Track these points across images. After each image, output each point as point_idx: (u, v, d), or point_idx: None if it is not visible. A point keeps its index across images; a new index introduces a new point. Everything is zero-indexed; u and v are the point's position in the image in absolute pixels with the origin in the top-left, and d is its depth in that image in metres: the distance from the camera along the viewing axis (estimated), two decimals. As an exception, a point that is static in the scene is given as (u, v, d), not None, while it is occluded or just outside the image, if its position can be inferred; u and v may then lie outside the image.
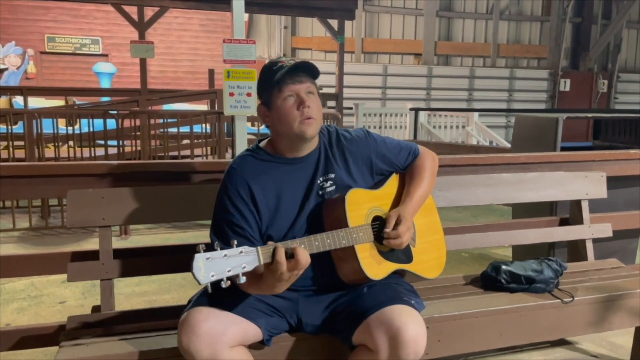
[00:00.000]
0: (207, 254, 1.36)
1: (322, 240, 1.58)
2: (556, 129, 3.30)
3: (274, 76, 1.66)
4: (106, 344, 1.76)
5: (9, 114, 5.58)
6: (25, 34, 12.86)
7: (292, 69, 1.66)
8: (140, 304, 3.39)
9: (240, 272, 1.38)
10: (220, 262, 1.37)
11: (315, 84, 1.72)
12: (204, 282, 1.34)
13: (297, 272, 1.49)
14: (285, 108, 1.66)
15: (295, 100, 1.66)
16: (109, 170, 2.20)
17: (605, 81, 16.72)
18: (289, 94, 1.66)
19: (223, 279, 1.36)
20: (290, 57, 1.75)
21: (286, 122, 1.67)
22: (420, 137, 9.45)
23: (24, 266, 2.20)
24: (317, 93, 1.72)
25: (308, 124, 1.66)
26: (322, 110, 1.74)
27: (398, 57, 15.74)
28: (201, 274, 1.34)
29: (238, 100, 4.15)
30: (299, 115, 1.65)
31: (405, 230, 1.71)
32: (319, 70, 1.72)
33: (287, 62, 1.68)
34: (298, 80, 1.67)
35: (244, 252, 1.40)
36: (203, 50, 14.03)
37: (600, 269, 2.54)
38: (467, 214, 6.06)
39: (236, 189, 1.68)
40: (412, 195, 1.84)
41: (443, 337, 1.93)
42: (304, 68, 1.68)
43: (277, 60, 1.71)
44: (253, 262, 1.41)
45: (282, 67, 1.66)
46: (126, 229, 4.94)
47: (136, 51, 8.03)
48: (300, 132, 1.66)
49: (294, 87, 1.66)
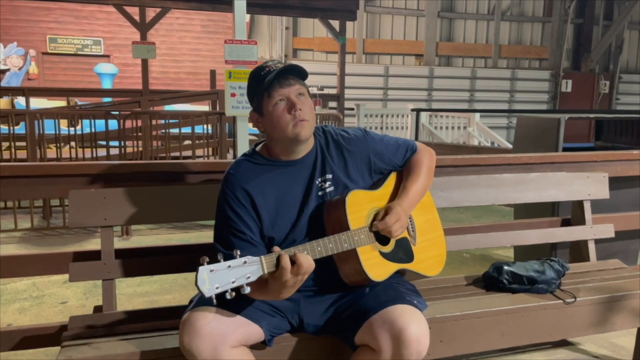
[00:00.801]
0: (210, 266, 1.35)
1: (325, 245, 1.58)
2: (558, 130, 3.30)
3: (263, 82, 1.65)
4: (108, 344, 1.76)
5: (11, 115, 5.59)
6: (27, 34, 12.89)
7: (280, 72, 1.64)
8: (142, 305, 3.39)
9: (244, 282, 1.38)
10: (224, 274, 1.36)
11: (305, 84, 1.71)
12: (209, 294, 1.34)
13: (302, 278, 1.48)
14: (277, 113, 1.65)
15: (287, 104, 1.65)
16: (110, 170, 2.20)
17: (606, 82, 16.70)
18: (280, 98, 1.65)
19: (227, 290, 1.36)
20: (277, 60, 1.73)
21: (279, 127, 1.66)
22: (422, 138, 9.44)
23: (26, 266, 2.21)
24: (307, 94, 1.71)
25: (302, 126, 1.65)
26: (314, 111, 1.73)
27: (399, 57, 15.74)
28: (205, 286, 1.33)
29: (240, 101, 4.15)
30: (292, 119, 1.64)
31: (393, 220, 1.69)
32: (306, 71, 1.70)
33: (273, 65, 1.67)
34: (287, 83, 1.65)
35: (247, 262, 1.39)
36: (205, 51, 14.05)
37: (603, 270, 2.53)
38: (468, 215, 6.05)
39: (234, 194, 1.68)
40: (408, 189, 1.83)
41: (445, 338, 1.93)
42: (291, 70, 1.67)
43: (263, 65, 1.69)
44: (257, 272, 1.41)
45: (270, 72, 1.64)
46: (128, 230, 4.94)
47: (138, 52, 8.04)
48: (295, 135, 1.66)
49: (283, 91, 1.65)
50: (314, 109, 1.73)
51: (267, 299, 1.61)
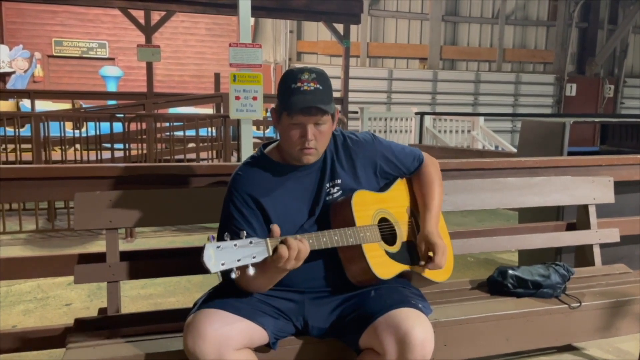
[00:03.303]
0: (217, 243, 1.36)
1: (330, 236, 1.59)
2: (563, 134, 3.29)
3: (289, 97, 1.63)
4: (112, 346, 1.76)
5: (17, 117, 5.62)
6: (32, 37, 12.97)
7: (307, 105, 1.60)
8: (146, 307, 3.40)
9: (249, 262, 1.38)
10: (230, 251, 1.36)
11: (329, 111, 1.65)
12: (214, 270, 1.33)
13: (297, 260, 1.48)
14: (289, 133, 1.66)
15: (300, 131, 1.64)
16: (116, 173, 2.20)
17: (611, 86, 16.67)
18: (297, 122, 1.64)
19: (233, 268, 1.36)
20: (314, 74, 1.65)
21: (287, 144, 1.68)
22: (426, 141, 9.43)
23: (30, 268, 2.21)
24: (329, 121, 1.68)
25: (306, 154, 1.67)
26: (329, 137, 1.72)
27: (403, 61, 15.74)
28: (212, 262, 1.33)
29: (244, 104, 4.16)
30: (300, 144, 1.65)
31: (441, 255, 1.76)
32: (333, 105, 1.67)
33: (307, 82, 1.63)
34: (309, 111, 1.62)
35: (253, 243, 1.40)
36: (209, 54, 14.10)
37: (608, 275, 2.52)
38: (472, 219, 6.04)
39: (241, 195, 1.69)
40: (431, 208, 1.87)
41: (449, 342, 1.93)
42: (317, 102, 1.62)
43: (299, 76, 1.64)
44: (262, 252, 1.41)
45: (300, 90, 1.61)
46: (132, 232, 4.95)
47: (143, 55, 8.08)
48: (298, 158, 1.68)
49: (302, 118, 1.63)
50: (330, 135, 1.72)
51: (264, 284, 1.62)
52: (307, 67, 1.70)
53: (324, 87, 1.65)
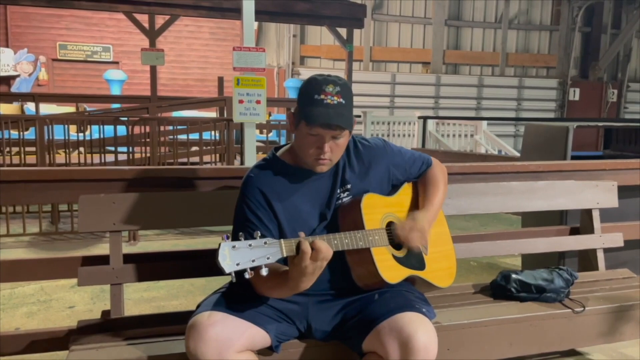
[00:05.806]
0: (232, 243, 1.35)
1: (341, 239, 1.58)
2: (567, 138, 3.29)
3: (311, 110, 1.61)
4: (115, 348, 1.77)
5: (21, 120, 5.64)
6: (37, 41, 13.04)
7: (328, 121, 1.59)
8: (149, 310, 3.40)
9: (264, 262, 1.37)
10: (245, 252, 1.35)
11: (348, 127, 1.64)
12: (229, 270, 1.32)
13: (321, 264, 1.47)
14: (306, 142, 1.65)
15: (317, 142, 1.64)
16: (120, 175, 2.21)
17: (614, 91, 16.65)
18: (315, 133, 1.63)
19: (247, 269, 1.35)
20: (339, 86, 1.63)
21: (302, 151, 1.68)
22: (429, 145, 9.43)
23: (34, 271, 2.22)
24: (347, 135, 1.68)
25: (320, 164, 1.67)
26: (344, 148, 1.72)
27: (406, 65, 15.76)
28: (226, 262, 1.32)
29: (247, 108, 4.18)
30: (315, 154, 1.65)
31: (408, 231, 1.73)
32: (353, 119, 1.67)
33: (331, 95, 1.61)
34: (328, 125, 1.61)
35: (267, 244, 1.40)
36: (213, 58, 14.14)
37: (612, 279, 2.51)
38: (475, 223, 6.03)
39: (254, 196, 1.69)
40: (432, 201, 1.88)
41: (452, 346, 1.92)
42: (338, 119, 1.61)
43: (322, 87, 1.62)
44: (276, 253, 1.41)
45: (322, 103, 1.60)
46: (135, 235, 4.96)
47: (147, 59, 8.10)
48: (312, 167, 1.69)
49: (321, 130, 1.62)
50: (345, 146, 1.72)
51: (285, 292, 1.57)
52: (332, 77, 1.66)
53: (346, 101, 1.64)
